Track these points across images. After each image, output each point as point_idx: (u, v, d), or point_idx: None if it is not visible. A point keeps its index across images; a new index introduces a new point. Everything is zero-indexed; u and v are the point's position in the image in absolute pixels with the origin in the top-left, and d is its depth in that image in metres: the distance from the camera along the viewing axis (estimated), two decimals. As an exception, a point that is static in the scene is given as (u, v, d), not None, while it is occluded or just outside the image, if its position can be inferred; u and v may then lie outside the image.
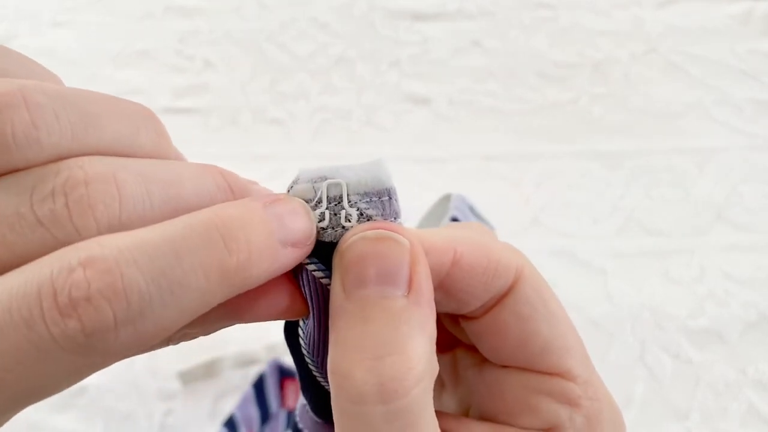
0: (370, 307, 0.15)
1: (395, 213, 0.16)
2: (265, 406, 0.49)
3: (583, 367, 0.18)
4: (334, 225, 0.16)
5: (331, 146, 0.66)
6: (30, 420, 0.50)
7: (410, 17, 0.76)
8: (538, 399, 0.18)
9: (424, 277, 0.15)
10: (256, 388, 0.49)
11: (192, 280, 0.13)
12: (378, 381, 0.14)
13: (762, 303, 0.54)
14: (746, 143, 0.64)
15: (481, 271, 0.17)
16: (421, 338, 0.15)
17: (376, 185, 0.16)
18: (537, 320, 0.18)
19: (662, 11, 0.76)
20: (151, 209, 0.14)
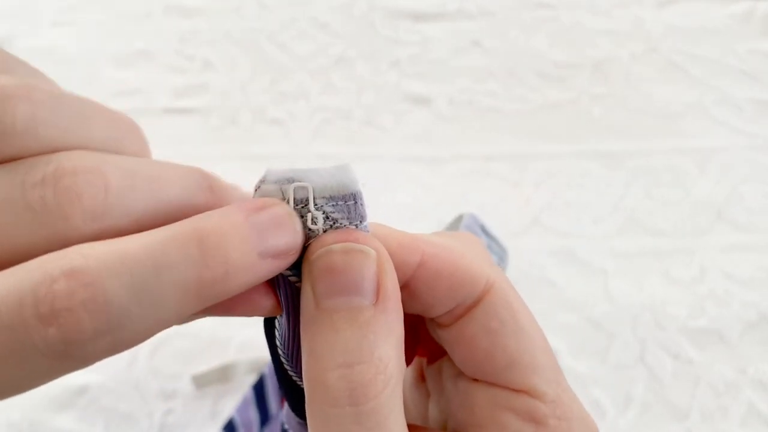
0: (338, 317, 0.15)
1: (360, 217, 0.17)
2: (265, 409, 0.49)
3: (552, 386, 0.18)
4: (301, 228, 0.16)
5: (331, 146, 0.66)
6: (30, 420, 0.50)
7: (410, 17, 0.76)
8: (504, 415, 0.18)
9: (390, 285, 0.16)
10: (256, 390, 0.49)
11: (170, 294, 0.14)
12: (348, 386, 0.15)
13: (762, 303, 0.54)
14: (747, 143, 0.64)
15: (447, 276, 0.17)
16: (387, 344, 0.16)
17: (342, 189, 0.16)
18: (504, 335, 0.18)
19: (662, 11, 0.76)
20: (135, 203, 0.14)
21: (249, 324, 0.54)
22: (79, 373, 0.52)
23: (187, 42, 0.75)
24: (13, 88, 0.14)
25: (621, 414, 0.49)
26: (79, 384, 0.51)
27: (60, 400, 0.51)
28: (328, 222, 0.16)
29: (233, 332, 0.53)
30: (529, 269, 0.56)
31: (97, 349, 0.13)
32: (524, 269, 0.56)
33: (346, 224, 0.17)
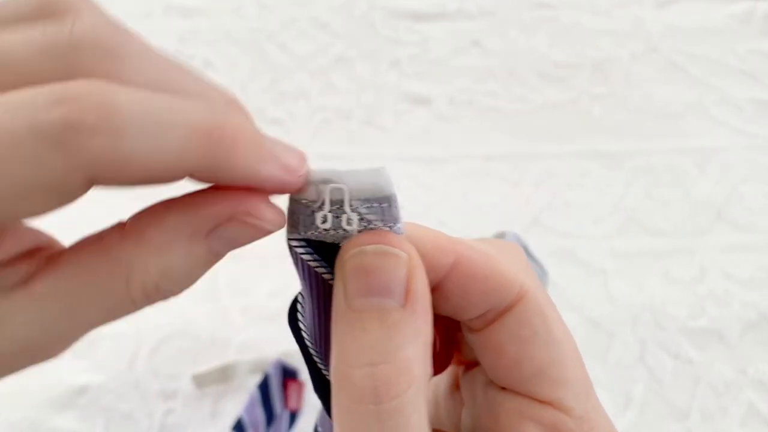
0: (367, 317, 0.16)
1: (394, 219, 0.17)
2: (270, 408, 0.49)
3: (581, 400, 0.18)
4: (335, 227, 0.17)
5: (331, 146, 0.66)
6: (30, 420, 0.50)
7: (410, 17, 0.76)
8: (527, 426, 0.18)
9: (420, 288, 0.16)
10: (262, 389, 0.49)
11: (177, 131, 0.14)
12: (373, 384, 0.15)
13: (762, 303, 0.54)
14: (746, 143, 0.64)
15: (480, 279, 0.17)
16: (413, 346, 0.16)
17: (376, 192, 0.17)
18: (534, 344, 0.18)
19: (662, 11, 0.76)
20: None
21: (249, 324, 0.54)
22: (80, 374, 0.52)
23: (187, 42, 0.75)
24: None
25: (621, 414, 0.49)
26: (79, 384, 0.51)
27: (60, 400, 0.51)
28: (362, 223, 0.17)
29: (233, 333, 0.53)
30: (529, 269, 0.56)
31: (90, 146, 0.13)
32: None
33: (380, 226, 0.17)
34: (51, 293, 0.15)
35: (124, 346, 0.53)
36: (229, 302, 0.55)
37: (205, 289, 0.55)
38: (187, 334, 0.53)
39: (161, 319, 0.54)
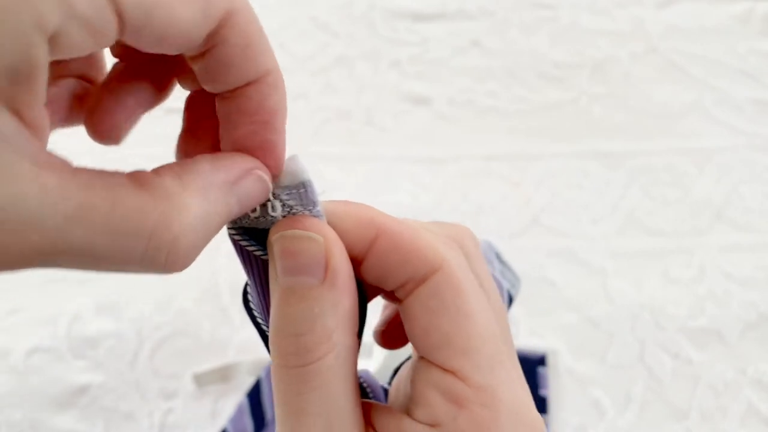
0: (291, 294, 0.18)
1: (312, 203, 0.19)
2: (260, 415, 0.49)
3: (482, 372, 0.18)
4: (263, 214, 0.19)
5: (331, 146, 0.66)
6: (30, 419, 0.50)
7: (410, 17, 0.76)
8: (432, 393, 0.19)
9: (338, 265, 0.18)
10: (251, 397, 0.49)
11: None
12: (296, 351, 0.18)
13: (762, 303, 0.54)
14: (746, 143, 0.64)
15: (399, 251, 0.19)
16: (333, 317, 0.18)
17: (293, 180, 0.19)
18: (441, 315, 0.19)
19: (662, 11, 0.76)
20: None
21: (249, 324, 0.54)
22: (80, 373, 0.52)
23: (187, 42, 0.75)
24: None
25: (620, 414, 0.49)
26: (79, 383, 0.51)
27: (60, 400, 0.51)
28: (285, 209, 0.19)
29: (233, 333, 0.54)
30: (529, 269, 0.56)
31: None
32: (524, 269, 0.56)
33: (300, 210, 0.19)
34: (70, 193, 0.14)
35: (125, 345, 0.53)
36: (229, 302, 0.55)
37: (205, 289, 0.56)
38: (187, 334, 0.54)
39: (161, 319, 0.54)
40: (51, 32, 0.13)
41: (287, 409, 0.18)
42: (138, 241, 0.15)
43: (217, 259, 0.57)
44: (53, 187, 0.13)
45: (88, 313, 0.54)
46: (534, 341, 0.53)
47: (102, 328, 0.54)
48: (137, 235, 0.14)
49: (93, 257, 0.14)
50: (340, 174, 0.63)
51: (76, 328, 0.54)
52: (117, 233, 0.14)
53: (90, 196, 0.14)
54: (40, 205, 0.13)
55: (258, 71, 0.18)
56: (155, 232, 0.15)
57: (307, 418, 0.18)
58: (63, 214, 0.13)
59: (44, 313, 0.54)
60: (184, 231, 0.15)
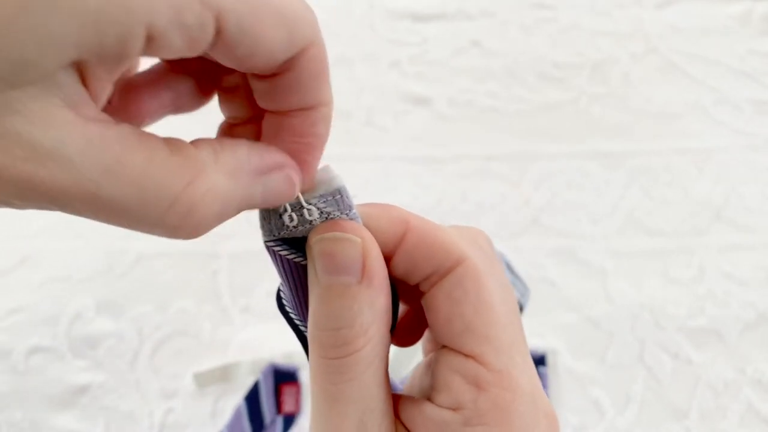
0: (330, 292, 0.19)
1: (348, 207, 0.20)
2: (258, 419, 0.49)
3: (502, 357, 0.20)
4: (302, 223, 0.20)
5: (331, 146, 0.65)
6: (31, 419, 0.50)
7: (410, 17, 0.77)
8: (453, 377, 0.20)
9: (374, 265, 0.19)
10: (249, 400, 0.49)
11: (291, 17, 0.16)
12: (335, 343, 0.19)
13: (761, 303, 0.54)
14: (746, 143, 0.64)
15: (425, 245, 0.20)
16: (370, 313, 0.19)
17: (328, 187, 0.20)
18: (464, 304, 0.20)
19: (662, 11, 0.76)
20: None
21: (250, 324, 0.54)
22: (81, 373, 0.52)
23: (187, 42, 0.75)
24: None
25: (620, 413, 0.50)
26: (80, 383, 0.51)
27: (61, 400, 0.51)
28: (323, 215, 0.20)
29: (233, 333, 0.54)
30: (529, 269, 0.56)
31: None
32: (524, 269, 0.56)
33: (338, 215, 0.20)
34: (108, 143, 0.15)
35: (125, 345, 0.53)
36: (229, 302, 0.55)
37: (205, 289, 0.56)
38: (187, 333, 0.54)
39: (162, 319, 0.54)
40: (153, 32, 0.14)
41: (324, 396, 0.20)
42: (161, 203, 0.15)
43: (217, 259, 0.57)
44: (96, 139, 0.14)
45: (89, 312, 0.54)
46: (534, 341, 0.53)
47: (102, 328, 0.54)
48: (163, 197, 0.15)
49: (113, 210, 0.15)
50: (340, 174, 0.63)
51: (77, 327, 0.54)
52: (145, 191, 0.15)
53: (128, 153, 0.15)
54: (81, 154, 0.14)
55: (317, 101, 0.19)
56: (180, 198, 0.15)
57: (342, 405, 0.19)
58: (101, 165, 0.14)
59: (45, 313, 0.54)
60: (205, 203, 0.16)
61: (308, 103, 0.19)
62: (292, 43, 0.17)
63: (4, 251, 0.58)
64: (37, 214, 0.60)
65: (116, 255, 0.58)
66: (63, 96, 0.14)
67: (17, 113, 0.13)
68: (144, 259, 0.57)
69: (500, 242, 0.58)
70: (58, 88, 0.14)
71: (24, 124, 0.14)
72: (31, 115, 0.14)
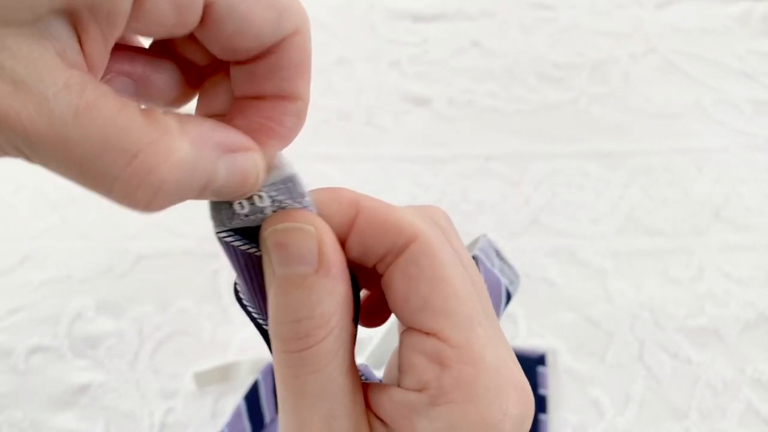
0: (287, 283, 0.19)
1: (300, 195, 0.20)
2: (258, 418, 0.49)
3: (461, 332, 0.19)
4: (253, 212, 0.20)
5: (331, 146, 0.66)
6: (31, 419, 0.50)
7: (410, 18, 0.77)
8: (416, 357, 0.19)
9: (330, 253, 0.19)
10: (248, 400, 0.49)
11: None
12: (296, 336, 0.19)
13: (761, 303, 0.54)
14: (745, 143, 0.64)
15: (377, 224, 0.20)
16: (329, 302, 0.19)
17: (279, 175, 0.19)
18: (419, 280, 0.19)
19: (662, 11, 0.76)
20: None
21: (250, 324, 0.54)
22: (81, 372, 0.52)
23: (187, 42, 0.75)
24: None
25: (620, 413, 0.50)
26: (80, 383, 0.51)
27: (61, 399, 0.51)
28: (275, 204, 0.19)
29: (234, 332, 0.54)
30: (529, 269, 0.57)
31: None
32: (524, 269, 0.57)
33: (290, 203, 0.20)
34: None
35: (125, 345, 0.53)
36: (230, 302, 0.55)
37: (205, 289, 0.56)
38: (187, 333, 0.54)
39: (162, 319, 0.54)
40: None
41: (289, 391, 0.19)
42: (124, 155, 0.15)
43: (217, 259, 0.57)
44: (75, 85, 0.15)
45: (89, 312, 0.54)
46: (534, 341, 0.53)
47: (103, 328, 0.54)
48: (127, 149, 0.15)
49: (78, 158, 0.15)
50: (340, 174, 0.63)
51: (77, 327, 0.54)
52: (110, 140, 0.15)
53: (101, 100, 0.15)
54: (57, 94, 0.14)
55: (294, 92, 0.19)
56: (143, 152, 0.15)
57: (307, 398, 0.19)
58: (74, 107, 0.15)
59: (45, 313, 0.54)
60: (168, 165, 0.16)
61: (285, 91, 0.19)
62: (281, 26, 0.17)
63: (4, 251, 0.58)
64: (38, 214, 0.60)
65: (116, 255, 0.58)
66: (55, 44, 0.15)
67: (6, 49, 0.14)
68: (144, 259, 0.57)
69: (500, 242, 0.58)
70: (51, 35, 0.14)
71: (10, 58, 0.14)
72: (19, 53, 0.14)
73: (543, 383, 0.50)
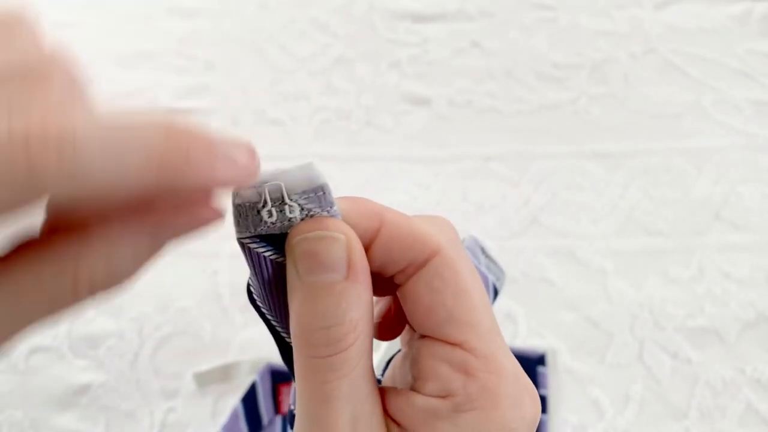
0: (317, 290, 0.19)
1: (330, 204, 0.20)
2: (256, 420, 0.49)
3: (485, 342, 0.20)
4: (281, 219, 0.20)
5: (331, 147, 0.66)
6: (32, 419, 0.50)
7: (410, 18, 0.77)
8: (440, 366, 0.20)
9: (358, 261, 0.19)
10: (246, 402, 0.49)
11: (134, 155, 0.14)
12: (326, 342, 0.19)
13: (760, 302, 0.54)
14: (745, 143, 0.64)
15: (401, 237, 0.20)
16: (357, 308, 0.19)
17: (311, 184, 0.20)
18: (444, 293, 0.20)
19: (661, 12, 0.76)
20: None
21: (250, 324, 0.54)
22: (81, 373, 0.52)
23: (188, 43, 0.75)
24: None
25: (619, 413, 0.50)
26: (80, 383, 0.51)
27: (61, 399, 0.51)
28: (304, 212, 0.20)
29: (234, 332, 0.54)
30: (529, 269, 0.57)
31: (59, 169, 0.13)
32: (523, 269, 0.57)
33: (319, 212, 0.20)
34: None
35: (126, 345, 0.53)
36: (229, 302, 0.55)
37: (205, 289, 0.56)
38: (188, 333, 0.54)
39: (162, 319, 0.54)
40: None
41: (314, 395, 0.19)
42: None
43: (217, 259, 0.57)
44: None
45: (89, 312, 0.54)
46: (533, 341, 0.53)
47: (103, 328, 0.54)
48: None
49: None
50: (340, 174, 0.63)
51: (77, 327, 0.54)
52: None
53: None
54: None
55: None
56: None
57: (334, 403, 0.19)
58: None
59: (45, 313, 0.54)
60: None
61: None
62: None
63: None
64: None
65: (117, 255, 0.58)
66: None
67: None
68: (144, 259, 0.57)
69: (500, 242, 0.58)
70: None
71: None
72: None
73: (543, 383, 0.50)
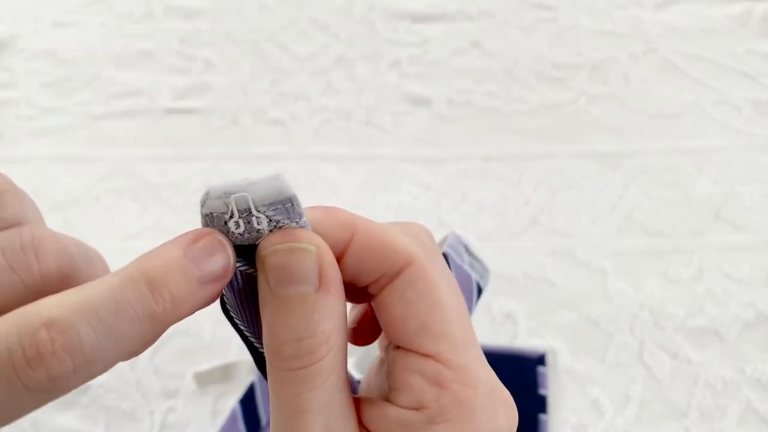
0: (289, 302, 0.19)
1: (299, 215, 0.20)
2: (254, 421, 0.49)
3: (459, 354, 0.20)
4: (249, 231, 0.19)
5: (331, 147, 0.66)
6: (31, 419, 0.50)
7: (410, 18, 0.77)
8: (413, 378, 0.20)
9: (330, 272, 0.19)
10: (244, 403, 0.49)
11: (130, 328, 0.17)
12: (298, 354, 0.19)
13: (760, 302, 0.54)
14: (745, 143, 0.65)
15: (373, 248, 0.20)
16: (330, 320, 0.19)
17: (279, 196, 0.19)
18: (417, 304, 0.20)
19: (661, 12, 0.76)
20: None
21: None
22: (81, 373, 0.52)
23: (188, 43, 0.75)
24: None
25: (619, 413, 0.50)
26: (80, 383, 0.51)
27: (62, 399, 0.51)
28: (272, 224, 0.19)
29: (234, 333, 0.54)
30: (529, 269, 0.57)
31: (76, 380, 0.17)
32: (523, 269, 0.57)
33: (288, 224, 0.19)
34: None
35: (126, 345, 0.53)
36: (230, 302, 0.55)
37: (205, 289, 0.56)
38: (188, 333, 0.54)
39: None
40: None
41: (287, 407, 0.19)
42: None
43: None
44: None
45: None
46: (533, 341, 0.53)
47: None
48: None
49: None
50: (340, 174, 0.63)
51: (78, 327, 0.54)
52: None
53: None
54: None
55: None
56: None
57: (307, 414, 0.19)
58: None
59: (45, 313, 0.54)
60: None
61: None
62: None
63: (4, 251, 0.58)
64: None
65: (116, 255, 0.58)
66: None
67: None
68: (144, 259, 0.57)
69: (500, 242, 0.58)
70: None
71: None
72: None
73: (543, 383, 0.50)
